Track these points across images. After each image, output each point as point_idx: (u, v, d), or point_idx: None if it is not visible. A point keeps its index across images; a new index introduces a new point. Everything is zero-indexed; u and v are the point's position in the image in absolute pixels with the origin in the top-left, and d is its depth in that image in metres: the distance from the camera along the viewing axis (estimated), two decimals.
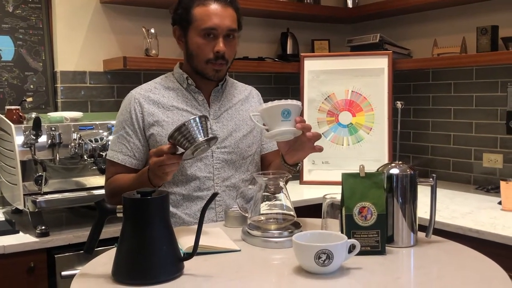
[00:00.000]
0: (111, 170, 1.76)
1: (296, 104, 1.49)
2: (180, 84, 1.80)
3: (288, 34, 3.22)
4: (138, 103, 1.74)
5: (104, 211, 1.23)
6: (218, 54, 1.69)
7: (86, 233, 1.99)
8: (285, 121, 1.46)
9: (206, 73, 1.74)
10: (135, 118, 1.73)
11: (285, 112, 1.45)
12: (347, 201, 1.36)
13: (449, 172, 3.02)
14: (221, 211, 1.75)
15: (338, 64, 3.00)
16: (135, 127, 1.73)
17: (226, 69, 1.76)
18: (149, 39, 2.67)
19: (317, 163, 2.99)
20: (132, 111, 1.74)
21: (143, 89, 1.79)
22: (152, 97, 1.76)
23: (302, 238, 1.26)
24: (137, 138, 1.73)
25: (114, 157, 1.74)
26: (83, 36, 2.67)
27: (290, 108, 1.46)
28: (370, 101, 2.95)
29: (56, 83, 2.63)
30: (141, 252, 1.16)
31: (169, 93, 1.78)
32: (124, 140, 1.74)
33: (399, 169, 1.42)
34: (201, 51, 1.71)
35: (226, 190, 1.76)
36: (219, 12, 1.69)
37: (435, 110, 3.08)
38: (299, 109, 1.50)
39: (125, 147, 1.73)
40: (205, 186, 1.74)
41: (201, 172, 1.73)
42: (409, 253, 1.39)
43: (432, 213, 1.45)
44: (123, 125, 1.75)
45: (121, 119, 1.76)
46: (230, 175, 1.77)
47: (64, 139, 2.16)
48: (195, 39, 1.71)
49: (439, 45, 2.89)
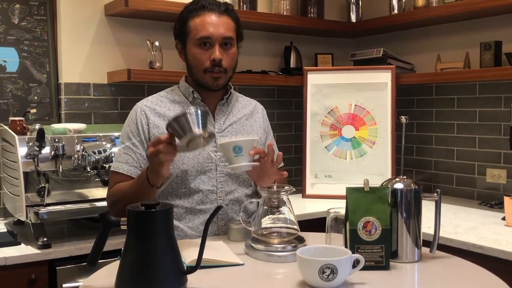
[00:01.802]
0: (115, 180, 1.75)
1: (247, 139, 1.57)
2: (186, 98, 1.81)
3: (291, 48, 3.24)
4: (144, 115, 1.75)
5: (108, 223, 1.24)
6: (214, 62, 1.71)
7: (88, 245, 2.00)
8: (238, 156, 1.54)
9: (205, 83, 1.75)
10: (142, 129, 1.74)
11: (236, 148, 1.54)
12: (352, 216, 1.36)
13: (452, 187, 3.02)
14: (223, 225, 1.75)
15: (341, 78, 3.01)
16: (142, 138, 1.73)
17: (227, 78, 1.77)
18: (153, 51, 2.68)
19: (319, 177, 2.99)
20: (139, 123, 1.74)
21: (149, 101, 1.80)
22: (158, 110, 1.77)
23: (306, 252, 1.26)
24: (143, 149, 1.73)
25: (120, 167, 1.73)
26: (87, 48, 2.69)
27: (241, 144, 1.54)
28: (373, 115, 2.95)
29: (60, 94, 2.64)
30: (145, 265, 1.16)
31: (175, 106, 1.79)
32: (130, 151, 1.74)
33: (403, 183, 1.42)
34: (198, 61, 1.73)
35: (229, 204, 1.76)
36: (214, 21, 1.71)
37: (439, 124, 3.08)
38: (252, 143, 1.57)
39: (131, 158, 1.73)
40: (208, 200, 1.74)
41: (204, 185, 1.73)
42: (413, 268, 1.39)
43: (437, 228, 1.45)
44: (129, 136, 1.75)
45: (127, 130, 1.77)
46: (233, 189, 1.77)
47: (68, 151, 2.16)
48: (192, 50, 1.74)
49: (443, 60, 2.90)
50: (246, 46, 1.85)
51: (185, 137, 1.41)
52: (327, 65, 3.31)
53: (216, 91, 1.78)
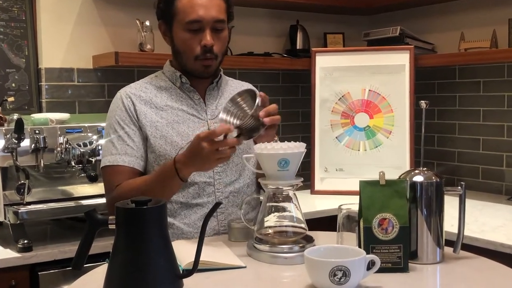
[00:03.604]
0: (115, 178, 1.68)
1: (296, 152, 1.49)
2: (173, 83, 1.81)
3: (297, 27, 3.23)
4: (130, 101, 1.75)
5: (94, 222, 1.24)
6: (205, 48, 1.71)
7: (73, 248, 2.01)
8: (283, 171, 1.46)
9: (195, 70, 1.76)
10: (133, 116, 1.73)
11: (283, 161, 1.46)
12: (366, 212, 1.36)
13: (478, 181, 3.01)
14: (223, 220, 1.75)
15: (353, 60, 3.01)
16: (136, 126, 1.72)
17: (217, 64, 1.78)
18: (143, 32, 2.68)
19: (330, 171, 2.99)
20: (128, 109, 1.74)
21: (133, 88, 1.80)
22: (143, 96, 1.77)
23: (315, 253, 1.26)
24: (141, 138, 1.72)
25: (119, 160, 1.69)
26: (70, 30, 2.68)
27: (289, 158, 1.47)
28: (389, 101, 2.95)
29: (40, 81, 2.64)
30: (136, 269, 1.16)
31: (162, 93, 1.79)
32: (127, 140, 1.71)
33: (423, 176, 1.42)
34: (187, 47, 1.73)
35: (229, 197, 1.76)
36: (204, 3, 1.70)
37: (462, 111, 3.07)
38: (300, 156, 1.51)
39: (129, 148, 1.70)
40: (205, 192, 1.74)
41: (200, 177, 1.73)
42: (434, 270, 1.39)
43: (461, 226, 1.45)
44: (120, 125, 1.73)
45: (116, 119, 1.74)
46: (233, 179, 1.78)
47: (49, 143, 2.16)
48: (180, 34, 1.73)
49: (467, 39, 2.89)
50: (247, 25, 1.85)
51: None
52: (338, 45, 3.30)
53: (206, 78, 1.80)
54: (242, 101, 1.59)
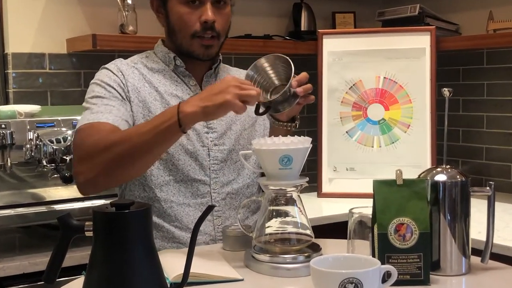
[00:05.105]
0: (90, 133, 1.61)
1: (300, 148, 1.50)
2: (167, 65, 1.82)
3: (302, 6, 3.24)
4: (120, 73, 1.75)
5: (68, 229, 1.23)
6: (206, 24, 1.71)
7: (45, 260, 1.99)
8: (285, 169, 1.46)
9: (193, 51, 1.76)
10: (121, 85, 1.72)
11: (285, 159, 1.46)
12: (381, 217, 1.36)
13: (509, 181, 3.02)
14: (220, 224, 1.76)
15: (366, 44, 3.01)
16: (124, 94, 1.72)
17: (219, 45, 1.79)
18: (125, 12, 2.68)
19: (339, 170, 2.99)
20: (117, 78, 1.73)
21: (124, 62, 1.80)
22: (138, 69, 1.77)
23: (323, 263, 1.26)
24: (128, 105, 1.71)
25: (101, 118, 1.64)
26: (41, 9, 2.68)
27: (292, 154, 1.47)
28: (407, 90, 2.95)
29: (6, 68, 2.64)
30: (116, 282, 1.16)
31: (154, 75, 1.79)
32: (112, 101, 1.69)
33: (446, 175, 1.42)
34: (184, 23, 1.73)
35: (226, 198, 1.77)
36: None
37: (491, 101, 3.08)
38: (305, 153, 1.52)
39: (115, 109, 1.68)
40: (199, 192, 1.75)
41: (193, 174, 1.75)
42: (459, 283, 1.39)
43: (490, 232, 1.45)
44: (106, 89, 1.70)
45: (100, 82, 1.73)
46: (231, 179, 1.79)
47: (17, 140, 2.16)
48: (176, 9, 1.74)
49: (496, 18, 2.89)
50: (244, 4, 1.86)
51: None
52: (348, 26, 3.30)
53: (205, 61, 1.80)
54: (269, 68, 1.58)
